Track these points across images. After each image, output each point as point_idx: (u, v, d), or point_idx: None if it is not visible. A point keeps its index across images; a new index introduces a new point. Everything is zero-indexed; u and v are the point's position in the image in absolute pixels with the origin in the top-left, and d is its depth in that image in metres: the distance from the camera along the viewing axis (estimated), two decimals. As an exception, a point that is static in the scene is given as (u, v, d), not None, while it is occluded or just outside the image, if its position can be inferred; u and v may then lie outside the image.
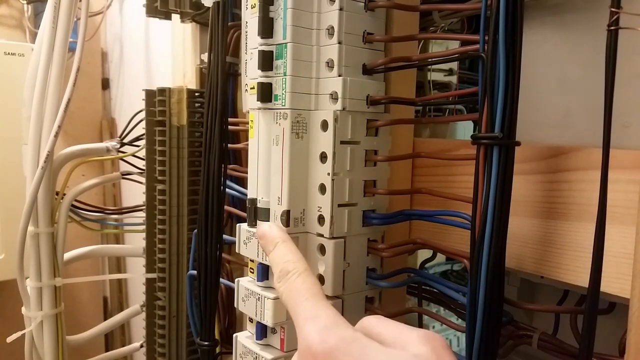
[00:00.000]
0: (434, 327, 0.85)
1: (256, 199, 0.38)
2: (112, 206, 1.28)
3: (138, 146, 0.68)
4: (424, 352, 0.25)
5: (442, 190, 0.37)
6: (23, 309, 0.64)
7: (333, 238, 0.36)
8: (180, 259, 0.63)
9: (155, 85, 0.61)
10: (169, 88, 0.60)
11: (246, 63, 0.39)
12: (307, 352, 0.25)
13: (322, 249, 0.37)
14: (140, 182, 0.67)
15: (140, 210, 0.72)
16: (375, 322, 0.28)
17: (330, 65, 0.36)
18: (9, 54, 1.06)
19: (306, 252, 0.37)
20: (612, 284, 0.31)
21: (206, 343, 0.47)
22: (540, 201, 0.35)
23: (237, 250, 0.40)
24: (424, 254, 0.45)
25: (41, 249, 0.62)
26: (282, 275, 0.31)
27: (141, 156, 0.65)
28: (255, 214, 0.38)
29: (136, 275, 0.96)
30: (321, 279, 0.37)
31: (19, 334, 0.64)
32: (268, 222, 0.37)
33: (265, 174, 0.37)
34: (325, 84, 0.36)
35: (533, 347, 0.37)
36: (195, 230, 0.47)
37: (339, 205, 0.36)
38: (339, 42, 0.35)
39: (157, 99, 0.60)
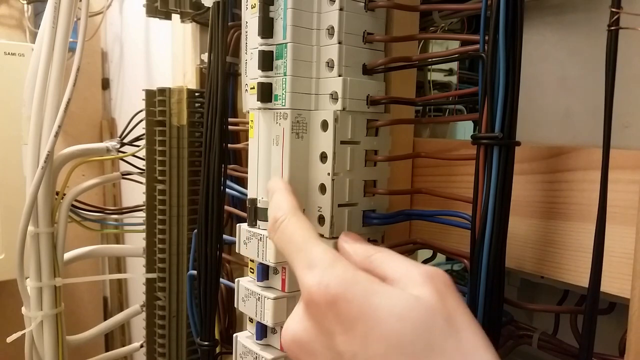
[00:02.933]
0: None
1: (256, 199, 0.38)
2: (112, 206, 1.28)
3: (138, 146, 0.68)
4: (425, 293, 0.24)
5: (442, 190, 0.37)
6: (23, 309, 0.64)
7: (333, 238, 0.36)
8: (180, 259, 0.63)
9: (155, 85, 0.61)
10: (169, 88, 0.60)
11: (246, 63, 0.39)
12: (311, 303, 0.25)
13: (322, 249, 0.36)
14: (140, 182, 0.67)
15: (140, 210, 0.72)
16: (382, 259, 0.27)
17: (330, 65, 0.36)
18: (9, 54, 1.06)
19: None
20: (612, 284, 0.31)
21: (206, 343, 0.47)
22: (540, 201, 0.35)
23: (237, 250, 0.40)
24: (424, 254, 0.45)
25: (41, 249, 0.62)
26: (271, 224, 0.30)
27: (141, 156, 0.65)
28: (255, 214, 0.38)
29: (136, 275, 0.97)
30: (321, 279, 0.37)
31: (19, 334, 0.64)
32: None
33: (265, 174, 0.37)
34: (325, 84, 0.36)
35: (533, 347, 0.37)
36: (195, 230, 0.47)
37: (339, 205, 0.36)
38: (339, 42, 0.35)
39: (157, 99, 0.60)
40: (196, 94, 0.61)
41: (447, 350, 0.22)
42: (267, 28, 0.36)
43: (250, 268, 0.39)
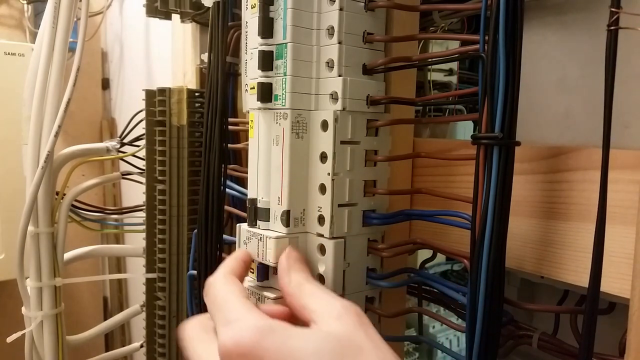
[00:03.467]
0: (434, 327, 0.85)
1: (256, 199, 0.38)
2: (112, 206, 1.28)
3: (138, 146, 0.68)
4: (338, 327, 0.27)
5: (442, 190, 0.37)
6: (23, 309, 0.64)
7: (333, 238, 0.36)
8: (180, 259, 0.63)
9: (155, 85, 0.61)
10: (169, 88, 0.60)
11: (246, 63, 0.39)
12: (231, 354, 0.27)
13: (322, 249, 0.36)
14: (140, 182, 0.67)
15: (140, 210, 0.72)
16: (310, 291, 0.30)
17: (330, 65, 0.36)
18: (9, 54, 1.06)
19: (306, 252, 0.37)
20: (612, 284, 0.31)
21: (206, 343, 0.47)
22: (540, 201, 0.35)
23: (237, 250, 0.40)
24: (424, 254, 0.45)
25: (41, 249, 0.62)
26: (204, 288, 0.33)
27: (141, 156, 0.65)
28: (255, 214, 0.38)
29: (136, 275, 0.96)
30: (321, 279, 0.37)
31: (19, 334, 0.64)
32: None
33: (265, 174, 0.37)
34: (325, 84, 0.36)
35: (533, 347, 0.37)
36: (195, 230, 0.47)
37: (339, 205, 0.36)
38: (339, 42, 0.35)
39: (157, 99, 0.60)
40: (196, 94, 0.61)
41: None
42: (267, 28, 0.36)
43: (250, 268, 0.39)
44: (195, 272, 0.48)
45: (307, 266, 0.34)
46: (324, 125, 0.36)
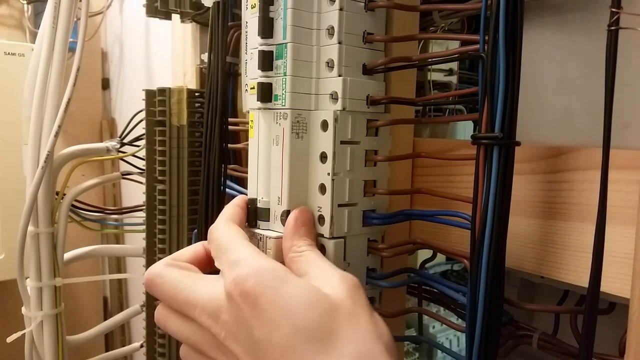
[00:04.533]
0: (434, 327, 0.85)
1: (256, 199, 0.38)
2: (112, 206, 1.28)
3: (138, 146, 0.68)
4: (336, 291, 0.28)
5: (442, 190, 0.37)
6: (23, 309, 0.64)
7: (333, 238, 0.36)
8: (180, 259, 0.63)
9: (155, 85, 0.61)
10: (169, 88, 0.60)
11: (246, 63, 0.39)
12: (228, 297, 0.28)
13: (322, 249, 0.36)
14: (140, 182, 0.67)
15: (140, 210, 0.72)
16: (310, 257, 0.31)
17: (330, 65, 0.36)
18: (9, 54, 1.06)
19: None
20: (612, 284, 0.31)
21: (206, 343, 0.47)
22: (540, 201, 0.35)
23: (237, 250, 0.40)
24: (424, 254, 0.45)
25: (41, 249, 0.62)
26: (208, 236, 0.34)
27: (141, 156, 0.65)
28: (255, 214, 0.38)
29: (136, 275, 0.96)
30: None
31: (19, 334, 0.64)
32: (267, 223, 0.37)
33: (265, 174, 0.37)
34: (325, 84, 0.36)
35: (533, 347, 0.37)
36: (195, 230, 0.47)
37: (339, 205, 0.36)
38: (339, 42, 0.35)
39: (157, 99, 0.60)
40: (196, 94, 0.61)
41: (346, 337, 0.26)
42: (267, 28, 0.36)
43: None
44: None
45: (314, 230, 0.35)
46: (324, 125, 0.36)
